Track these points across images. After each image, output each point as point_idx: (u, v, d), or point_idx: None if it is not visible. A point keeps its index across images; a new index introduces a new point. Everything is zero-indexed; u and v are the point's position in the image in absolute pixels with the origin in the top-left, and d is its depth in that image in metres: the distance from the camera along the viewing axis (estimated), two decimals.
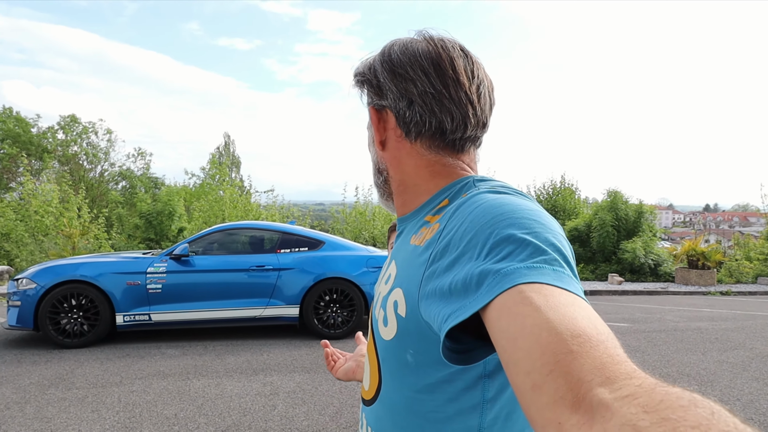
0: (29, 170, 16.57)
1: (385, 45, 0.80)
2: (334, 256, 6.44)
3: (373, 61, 0.79)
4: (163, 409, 3.87)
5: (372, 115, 0.78)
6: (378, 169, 0.83)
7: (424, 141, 0.75)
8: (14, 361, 5.06)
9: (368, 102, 0.81)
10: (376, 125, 0.78)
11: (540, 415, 0.39)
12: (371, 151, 0.85)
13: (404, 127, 0.75)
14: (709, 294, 12.51)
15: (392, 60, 0.75)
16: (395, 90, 0.75)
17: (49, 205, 13.64)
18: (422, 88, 0.73)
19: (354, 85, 0.83)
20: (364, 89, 0.81)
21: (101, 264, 5.88)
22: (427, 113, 0.73)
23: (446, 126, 0.73)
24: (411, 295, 0.63)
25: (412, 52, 0.75)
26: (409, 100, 0.73)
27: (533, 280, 0.47)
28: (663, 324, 7.89)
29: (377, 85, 0.77)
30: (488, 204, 0.59)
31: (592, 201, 20.24)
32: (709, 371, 5.25)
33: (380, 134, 0.78)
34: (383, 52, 0.78)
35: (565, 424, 0.36)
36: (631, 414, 0.32)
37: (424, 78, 0.73)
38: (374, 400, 0.75)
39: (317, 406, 3.99)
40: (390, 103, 0.76)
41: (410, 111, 0.74)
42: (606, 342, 0.40)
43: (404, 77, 0.74)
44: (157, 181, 27.73)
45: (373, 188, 0.90)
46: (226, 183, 16.52)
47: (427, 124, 0.73)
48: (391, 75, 0.75)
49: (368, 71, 0.79)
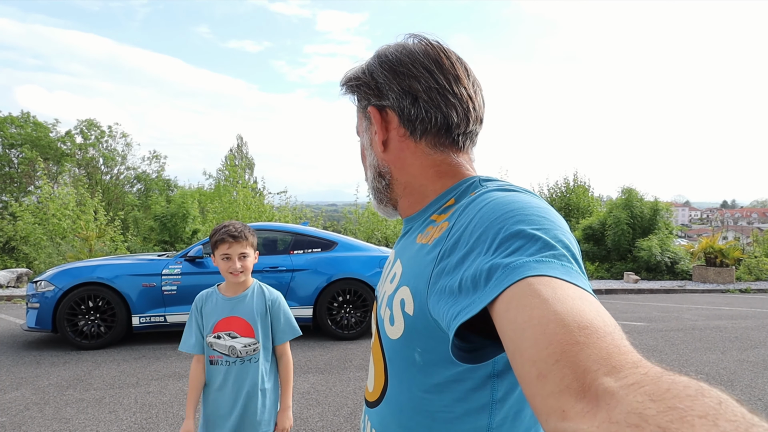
0: (47, 174, 16.85)
1: (377, 50, 0.80)
2: (347, 256, 6.45)
3: (367, 65, 0.79)
4: (179, 410, 3.91)
5: (374, 116, 0.77)
6: (379, 173, 0.81)
7: (429, 139, 0.75)
8: (33, 363, 5.14)
9: (365, 105, 0.80)
10: (379, 125, 0.77)
11: (544, 403, 0.39)
12: (368, 155, 0.83)
13: (409, 125, 0.75)
14: (727, 292, 12.28)
15: (391, 60, 0.76)
16: (397, 88, 0.74)
17: (66, 208, 13.86)
18: (427, 84, 0.73)
19: (346, 92, 0.83)
20: (360, 93, 0.80)
21: (117, 266, 5.96)
22: (434, 109, 0.73)
23: (452, 120, 0.74)
24: (419, 292, 0.63)
25: (411, 51, 0.75)
26: (414, 97, 0.73)
27: (542, 273, 0.47)
28: (681, 323, 7.77)
29: (376, 86, 0.77)
30: (497, 201, 0.60)
31: (606, 199, 20.01)
32: (729, 371, 5.15)
33: (383, 134, 0.77)
34: (378, 55, 0.78)
35: (569, 411, 0.36)
36: (637, 402, 0.32)
37: (428, 74, 0.73)
38: (379, 401, 0.74)
39: (331, 407, 4.00)
40: (392, 102, 0.75)
41: (415, 108, 0.74)
42: (613, 333, 0.41)
43: (407, 75, 0.74)
44: (171, 184, 28.04)
45: (372, 196, 0.88)
46: (240, 185, 16.64)
47: (433, 119, 0.73)
48: (392, 74, 0.75)
49: (363, 75, 0.79)
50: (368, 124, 0.80)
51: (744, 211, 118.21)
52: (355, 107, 0.85)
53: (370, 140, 0.80)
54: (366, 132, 0.82)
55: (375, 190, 0.84)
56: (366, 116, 0.80)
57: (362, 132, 0.84)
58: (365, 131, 0.82)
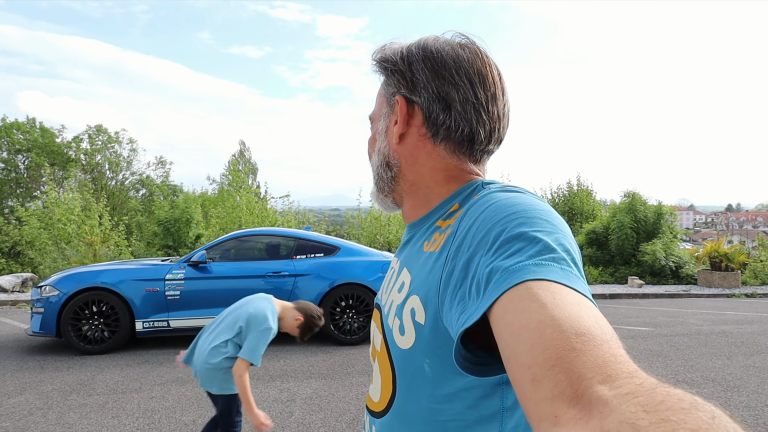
0: (52, 179, 16.95)
1: (422, 39, 0.77)
2: (350, 261, 6.45)
3: (408, 52, 0.76)
4: (181, 416, 3.91)
5: (400, 107, 0.75)
6: (387, 163, 0.79)
7: (448, 145, 0.74)
8: (37, 368, 5.16)
9: (393, 92, 0.77)
10: (403, 117, 0.75)
11: (537, 407, 0.39)
12: (379, 140, 0.81)
13: (433, 128, 0.73)
14: (733, 296, 12.20)
15: (435, 59, 0.73)
16: (433, 90, 0.72)
17: (72, 213, 13.93)
18: (465, 96, 0.71)
19: (377, 69, 0.80)
20: (392, 78, 0.77)
21: (121, 271, 5.98)
22: (464, 122, 0.72)
23: (477, 137, 0.73)
24: (430, 301, 0.62)
25: (458, 57, 0.73)
26: (447, 104, 0.72)
27: (541, 276, 0.47)
28: (686, 327, 7.72)
29: (411, 79, 0.74)
30: (500, 203, 0.60)
31: (610, 203, 19.94)
32: (735, 376, 5.11)
33: (402, 127, 0.76)
34: (424, 47, 0.75)
35: (561, 417, 0.36)
36: (630, 412, 0.32)
37: (469, 86, 0.72)
38: (386, 411, 0.73)
39: (334, 413, 3.99)
40: (423, 101, 0.73)
41: (445, 115, 0.72)
42: (609, 342, 0.40)
43: (447, 80, 0.72)
44: (175, 189, 28.16)
45: (373, 182, 0.84)
46: (243, 190, 16.69)
47: (459, 131, 0.72)
48: (433, 74, 0.73)
49: (401, 61, 0.76)
50: (389, 110, 0.78)
51: (749, 214, 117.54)
52: (379, 86, 0.82)
53: (386, 127, 0.78)
54: (384, 117, 0.79)
55: (378, 177, 0.82)
56: (389, 103, 0.78)
57: (379, 116, 0.81)
58: (383, 116, 0.80)
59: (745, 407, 4.22)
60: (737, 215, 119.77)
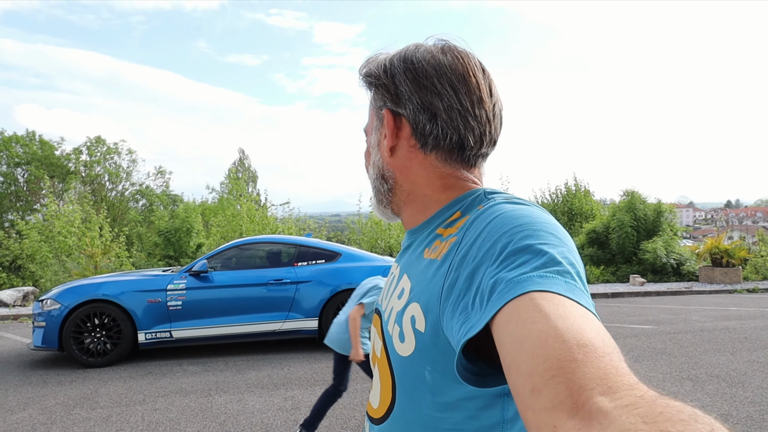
0: (52, 191, 16.96)
1: (404, 49, 0.76)
2: (351, 267, 6.45)
3: (390, 65, 0.76)
4: (186, 427, 3.89)
5: (387, 120, 0.75)
6: (383, 176, 0.79)
7: (439, 154, 0.74)
8: (40, 382, 5.14)
9: (380, 106, 0.77)
10: (391, 131, 0.75)
11: (536, 417, 0.39)
12: (373, 154, 0.81)
13: (421, 138, 0.73)
14: (735, 292, 12.20)
15: (417, 69, 0.73)
16: (417, 101, 0.72)
17: (72, 225, 13.91)
18: (449, 103, 0.71)
19: (363, 84, 0.80)
20: (377, 92, 0.78)
21: (122, 282, 5.98)
22: (451, 129, 0.71)
23: (467, 143, 0.72)
24: (431, 309, 0.62)
25: (438, 64, 0.72)
26: (432, 114, 0.71)
27: (545, 288, 0.47)
28: (689, 324, 7.71)
29: (395, 92, 0.74)
30: (506, 215, 0.60)
31: (609, 202, 19.94)
32: (740, 372, 5.10)
33: (392, 140, 0.75)
34: (404, 59, 0.74)
35: (560, 428, 0.36)
36: (629, 423, 0.32)
37: (452, 92, 0.71)
38: (385, 418, 0.73)
39: (339, 420, 3.98)
40: (408, 113, 0.73)
41: (431, 125, 0.72)
42: (611, 354, 0.40)
43: (430, 90, 0.71)
44: (175, 198, 28.15)
45: (372, 194, 0.85)
46: (243, 198, 16.69)
47: (447, 139, 0.72)
48: (415, 85, 0.72)
49: (384, 75, 0.76)
50: (379, 124, 0.78)
51: (748, 210, 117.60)
52: (368, 100, 0.82)
53: (378, 141, 0.79)
54: (375, 131, 0.79)
55: (376, 190, 0.82)
56: (378, 116, 0.78)
57: (371, 129, 0.81)
58: (375, 130, 0.80)
59: (750, 403, 4.21)
60: (737, 211, 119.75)
